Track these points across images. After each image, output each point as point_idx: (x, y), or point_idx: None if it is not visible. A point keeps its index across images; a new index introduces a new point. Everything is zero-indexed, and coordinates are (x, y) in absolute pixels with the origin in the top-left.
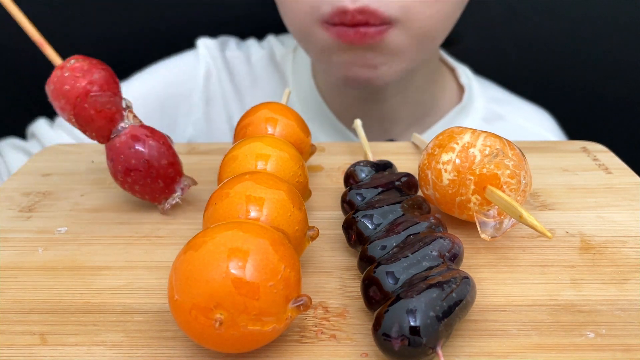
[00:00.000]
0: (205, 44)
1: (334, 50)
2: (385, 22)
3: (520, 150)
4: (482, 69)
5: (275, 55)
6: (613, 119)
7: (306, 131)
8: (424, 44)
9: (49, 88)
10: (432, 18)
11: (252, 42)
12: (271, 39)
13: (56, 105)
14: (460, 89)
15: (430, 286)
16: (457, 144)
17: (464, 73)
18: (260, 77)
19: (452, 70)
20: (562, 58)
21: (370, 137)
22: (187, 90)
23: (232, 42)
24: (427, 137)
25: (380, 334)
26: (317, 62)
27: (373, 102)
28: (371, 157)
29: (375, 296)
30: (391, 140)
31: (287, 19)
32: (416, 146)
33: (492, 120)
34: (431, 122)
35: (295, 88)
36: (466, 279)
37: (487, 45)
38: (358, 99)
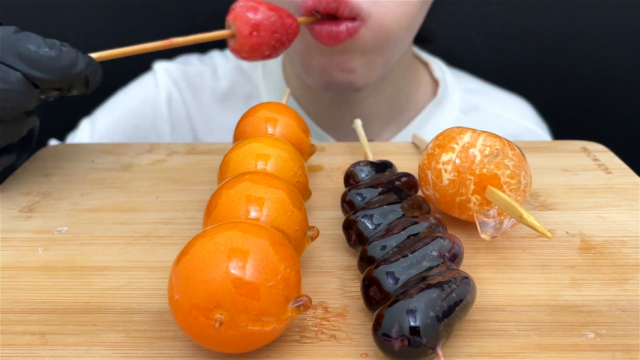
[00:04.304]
0: (163, 68)
1: (315, 49)
2: (353, 15)
3: (520, 150)
4: (481, 71)
5: (243, 65)
6: (613, 119)
7: (306, 131)
8: (392, 39)
9: (241, 57)
10: (396, 12)
11: (215, 54)
12: None
13: (253, 56)
14: (435, 83)
15: (430, 286)
16: (457, 144)
17: (438, 67)
18: (229, 89)
19: (426, 65)
20: (562, 57)
21: (349, 139)
22: (151, 119)
23: (193, 58)
24: (405, 134)
25: (380, 334)
26: (299, 64)
27: (349, 104)
28: (371, 157)
29: (375, 296)
30: (370, 140)
31: None
32: (416, 146)
33: (469, 111)
34: (408, 119)
35: (268, 96)
36: (466, 279)
37: (486, 46)
38: (334, 101)
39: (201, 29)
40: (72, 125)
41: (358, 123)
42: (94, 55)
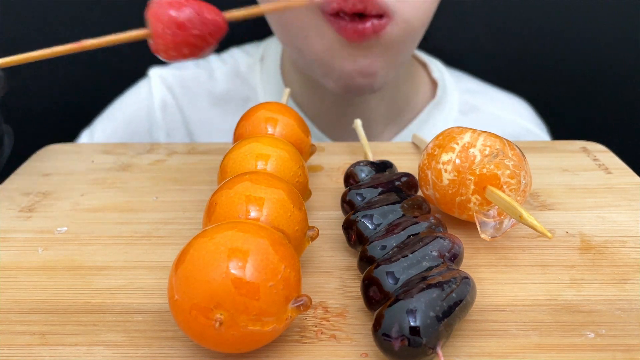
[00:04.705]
0: (157, 74)
1: (337, 52)
2: (380, 12)
3: (520, 150)
4: (481, 71)
5: (240, 68)
6: (613, 119)
7: (306, 131)
8: (414, 36)
9: (161, 56)
10: (421, 9)
11: (212, 57)
12: (234, 51)
13: (172, 56)
14: (434, 83)
15: (430, 286)
16: (457, 144)
17: (436, 67)
18: (226, 92)
19: (424, 66)
20: (562, 57)
21: (348, 140)
22: (147, 125)
23: (188, 62)
24: (404, 135)
25: (380, 334)
26: (317, 67)
27: (350, 106)
28: (371, 157)
29: (375, 296)
30: (369, 141)
31: (282, 20)
32: (416, 146)
33: (468, 112)
34: (407, 120)
35: (266, 98)
36: (466, 279)
37: (485, 44)
38: (336, 102)
39: None
40: (73, 135)
41: (358, 123)
42: None
